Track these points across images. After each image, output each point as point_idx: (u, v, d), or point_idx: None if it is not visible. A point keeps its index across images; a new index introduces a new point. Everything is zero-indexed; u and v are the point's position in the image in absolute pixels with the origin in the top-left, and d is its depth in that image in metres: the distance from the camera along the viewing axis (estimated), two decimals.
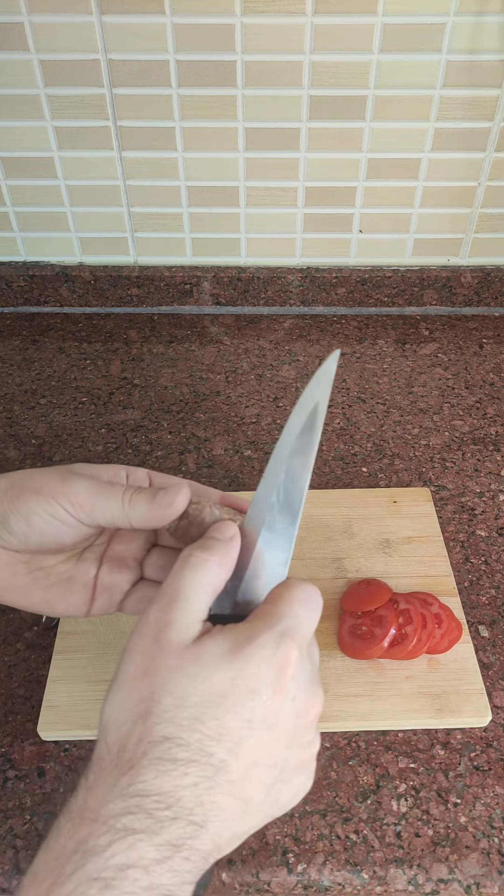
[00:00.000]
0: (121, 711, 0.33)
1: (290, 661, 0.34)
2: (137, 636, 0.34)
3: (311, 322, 0.92)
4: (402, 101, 0.76)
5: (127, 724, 0.32)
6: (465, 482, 0.72)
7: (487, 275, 0.89)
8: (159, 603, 0.35)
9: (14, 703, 0.56)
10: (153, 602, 0.35)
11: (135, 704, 0.33)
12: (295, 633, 0.35)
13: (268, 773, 0.34)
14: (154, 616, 0.34)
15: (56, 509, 0.40)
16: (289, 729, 0.35)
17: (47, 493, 0.40)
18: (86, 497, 0.40)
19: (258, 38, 0.71)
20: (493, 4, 0.69)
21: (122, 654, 0.35)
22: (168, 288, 0.91)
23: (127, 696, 0.33)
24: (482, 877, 0.48)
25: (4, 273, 0.89)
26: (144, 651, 0.34)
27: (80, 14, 0.70)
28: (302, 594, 0.37)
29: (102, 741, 0.33)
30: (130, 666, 0.34)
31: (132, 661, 0.34)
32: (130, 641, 0.35)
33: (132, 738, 0.32)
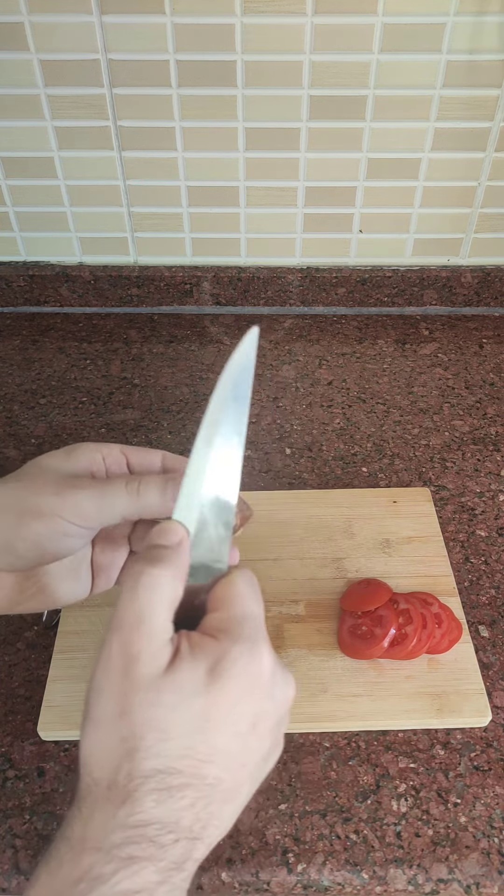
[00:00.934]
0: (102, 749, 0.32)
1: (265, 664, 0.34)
2: (103, 672, 0.33)
3: (311, 322, 0.92)
4: (402, 101, 0.76)
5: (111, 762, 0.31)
6: (465, 482, 0.72)
7: (487, 275, 0.89)
8: (119, 633, 0.33)
9: (14, 703, 0.56)
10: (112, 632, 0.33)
11: (117, 743, 0.32)
12: (259, 633, 0.35)
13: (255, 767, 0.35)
14: (117, 649, 0.32)
15: (65, 527, 0.40)
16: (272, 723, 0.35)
17: (50, 513, 0.39)
18: (90, 507, 0.40)
19: (258, 38, 0.71)
20: (493, 4, 0.69)
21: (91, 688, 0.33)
22: (168, 288, 0.91)
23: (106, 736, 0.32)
24: (482, 877, 0.48)
25: (4, 273, 0.89)
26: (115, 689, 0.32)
27: (80, 14, 0.70)
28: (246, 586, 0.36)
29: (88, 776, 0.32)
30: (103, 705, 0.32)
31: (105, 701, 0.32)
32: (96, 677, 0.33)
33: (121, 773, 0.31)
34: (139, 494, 0.40)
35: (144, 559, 0.34)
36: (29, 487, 0.40)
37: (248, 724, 0.34)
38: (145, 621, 0.33)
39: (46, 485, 0.40)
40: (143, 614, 0.33)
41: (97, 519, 0.40)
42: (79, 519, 0.39)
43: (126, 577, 0.34)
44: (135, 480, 0.40)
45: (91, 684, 0.33)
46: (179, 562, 0.35)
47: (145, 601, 0.33)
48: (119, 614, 0.33)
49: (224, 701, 0.33)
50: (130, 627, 0.33)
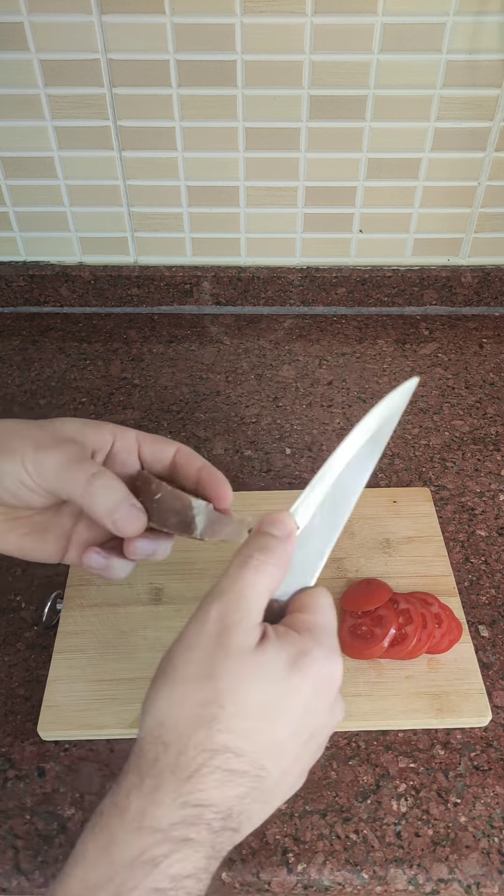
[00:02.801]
0: (181, 710, 0.32)
1: (336, 677, 0.36)
2: (197, 633, 0.34)
3: (311, 322, 0.92)
4: (402, 101, 0.76)
5: (188, 726, 0.32)
6: (465, 482, 0.72)
7: (487, 275, 0.89)
8: (220, 602, 0.34)
9: (14, 703, 0.56)
10: (212, 599, 0.35)
11: (197, 706, 0.32)
12: (337, 648, 0.36)
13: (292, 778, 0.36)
14: (215, 615, 0.34)
15: (24, 476, 0.40)
16: (322, 739, 0.36)
17: (20, 457, 0.40)
18: (52, 472, 0.40)
19: (258, 38, 0.71)
20: (493, 4, 0.69)
21: (179, 646, 0.34)
22: (168, 288, 0.91)
23: (187, 696, 0.33)
24: (482, 877, 0.48)
25: (4, 273, 0.89)
26: (207, 651, 0.33)
27: (80, 14, 0.70)
28: (330, 603, 0.38)
29: (158, 741, 0.32)
30: (191, 664, 0.33)
31: (193, 660, 0.33)
32: (189, 637, 0.34)
33: (193, 741, 0.32)
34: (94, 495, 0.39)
35: (255, 544, 0.36)
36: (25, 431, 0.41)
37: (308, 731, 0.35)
38: (246, 598, 0.35)
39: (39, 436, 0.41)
40: (245, 592, 0.35)
41: (52, 486, 0.40)
42: (37, 476, 0.40)
43: (236, 555, 0.36)
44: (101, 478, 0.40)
45: (179, 642, 0.34)
46: (285, 553, 0.37)
47: (249, 581, 0.35)
48: (223, 586, 0.35)
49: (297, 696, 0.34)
50: (231, 600, 0.34)
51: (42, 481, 0.40)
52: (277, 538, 0.37)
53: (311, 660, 0.34)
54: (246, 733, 0.32)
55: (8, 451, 0.40)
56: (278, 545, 0.37)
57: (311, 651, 0.35)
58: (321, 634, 0.36)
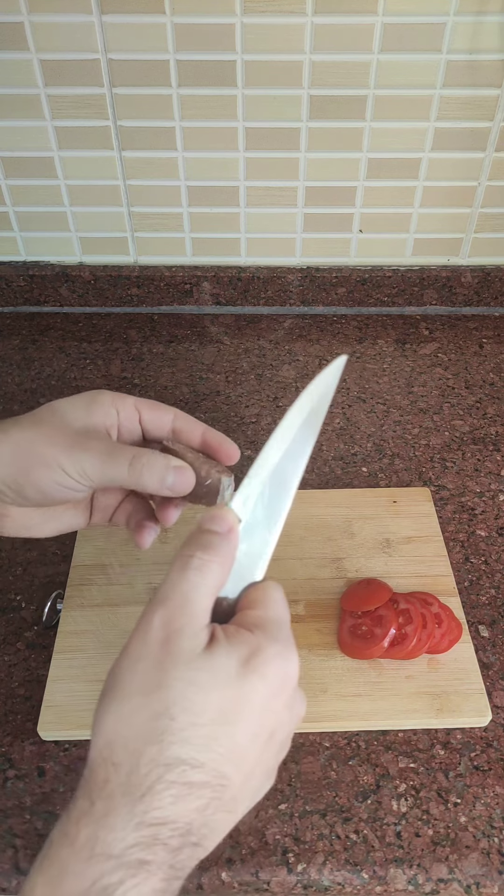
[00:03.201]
0: (130, 727, 0.31)
1: (293, 673, 0.34)
2: (141, 643, 0.32)
3: (311, 322, 0.92)
4: (402, 101, 0.76)
5: (138, 742, 0.30)
6: (465, 482, 0.72)
7: (487, 275, 0.89)
8: (164, 608, 0.33)
9: (14, 703, 0.56)
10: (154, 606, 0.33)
11: (147, 720, 0.30)
12: (291, 640, 0.35)
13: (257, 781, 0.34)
14: (158, 623, 0.32)
15: (68, 481, 0.42)
16: (282, 737, 0.35)
17: (57, 467, 0.41)
18: (93, 470, 0.41)
19: (258, 38, 0.71)
20: (493, 4, 0.69)
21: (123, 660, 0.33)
22: (168, 288, 0.91)
23: (135, 711, 0.31)
24: (482, 877, 0.48)
25: (4, 273, 0.89)
26: (153, 660, 0.32)
27: (80, 14, 0.70)
28: (281, 596, 0.37)
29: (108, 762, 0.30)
30: (137, 677, 0.31)
31: (139, 672, 0.32)
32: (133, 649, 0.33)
33: (145, 758, 0.30)
34: (140, 475, 0.41)
35: (196, 543, 0.35)
36: (44, 436, 0.42)
37: (267, 731, 0.33)
38: (190, 601, 0.33)
39: (59, 437, 0.42)
40: (188, 594, 0.33)
41: (98, 481, 0.42)
42: (81, 478, 0.41)
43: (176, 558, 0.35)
44: (139, 460, 0.41)
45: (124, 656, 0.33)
46: (227, 550, 0.36)
47: (193, 583, 0.34)
48: (165, 591, 0.34)
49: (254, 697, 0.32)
50: (175, 605, 0.33)
51: (87, 480, 0.42)
52: (219, 534, 0.36)
53: (265, 657, 0.33)
54: (202, 742, 0.31)
55: (42, 464, 0.41)
56: (220, 542, 0.35)
57: (264, 648, 0.33)
58: (273, 629, 0.34)
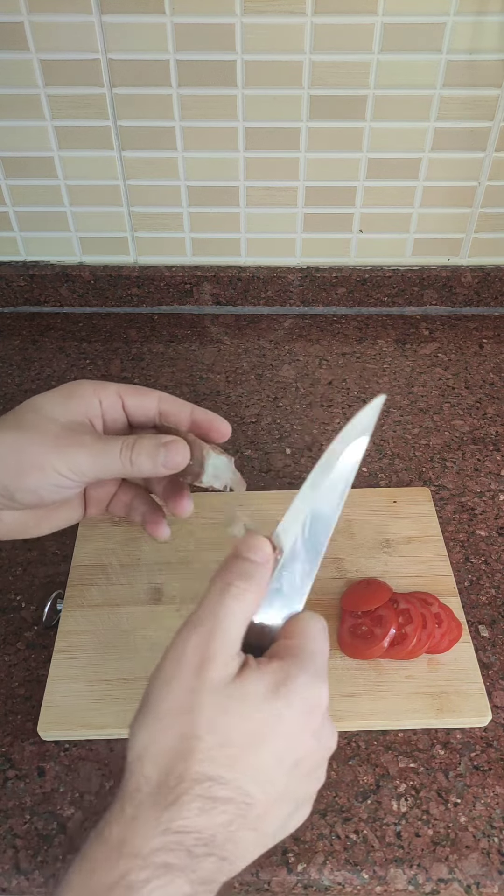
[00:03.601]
0: (159, 745, 0.32)
1: (322, 703, 0.35)
2: (175, 665, 0.34)
3: (311, 322, 0.92)
4: (402, 101, 0.76)
5: (167, 759, 0.32)
6: (465, 482, 0.72)
7: (487, 275, 0.89)
8: (198, 633, 0.34)
9: (14, 703, 0.56)
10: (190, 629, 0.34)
11: (176, 740, 0.32)
12: (324, 672, 0.36)
13: (287, 806, 0.35)
14: (193, 647, 0.34)
15: (61, 481, 0.42)
16: (312, 766, 0.36)
17: (50, 468, 0.41)
18: (86, 466, 0.41)
19: (258, 38, 0.71)
20: (493, 4, 0.69)
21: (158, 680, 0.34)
22: (168, 288, 0.91)
23: (166, 729, 0.32)
24: (482, 877, 0.48)
25: (4, 273, 0.89)
26: (185, 684, 0.33)
27: (80, 14, 0.70)
28: (321, 628, 0.38)
29: (139, 773, 0.32)
30: (169, 698, 0.33)
31: (171, 694, 0.33)
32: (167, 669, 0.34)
33: (173, 774, 0.32)
34: (132, 462, 0.42)
35: (234, 571, 0.36)
36: (29, 438, 0.42)
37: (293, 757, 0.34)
38: (225, 629, 0.34)
39: (46, 437, 0.42)
40: (224, 622, 0.34)
41: (92, 476, 0.42)
42: (75, 475, 0.41)
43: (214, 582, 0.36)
44: (128, 447, 0.42)
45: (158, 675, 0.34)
46: (263, 580, 0.37)
47: (229, 610, 0.35)
48: (201, 616, 0.34)
49: (280, 722, 0.33)
50: (210, 630, 0.34)
51: (81, 477, 0.42)
52: (256, 564, 0.36)
53: (294, 685, 0.34)
54: (227, 761, 0.32)
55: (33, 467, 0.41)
56: (257, 571, 0.36)
57: (294, 677, 0.34)
58: (306, 660, 0.35)
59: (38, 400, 0.44)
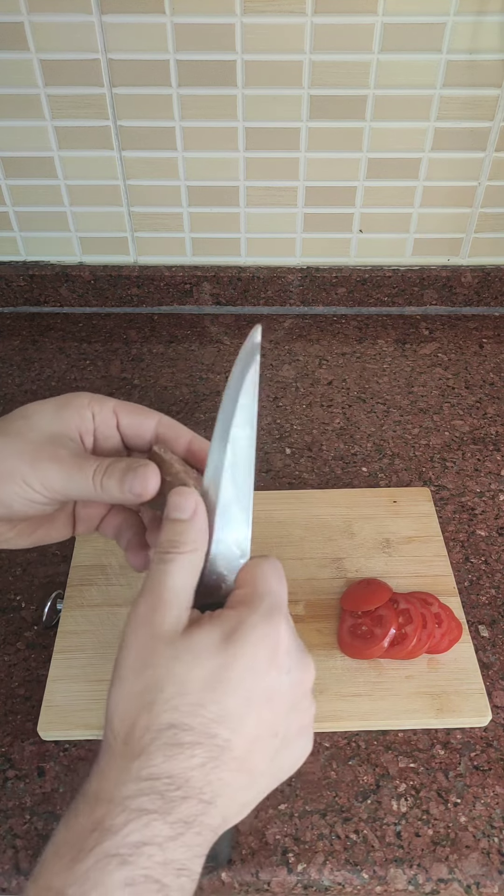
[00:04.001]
0: (124, 702, 0.34)
1: (281, 636, 0.35)
2: (132, 632, 0.35)
3: (311, 322, 0.92)
4: (402, 101, 0.76)
5: (132, 713, 0.33)
6: (465, 482, 0.72)
7: (487, 275, 0.89)
8: (147, 600, 0.35)
9: (14, 703, 0.56)
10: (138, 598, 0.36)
11: (138, 694, 0.34)
12: (280, 608, 0.36)
13: (270, 743, 0.36)
14: (144, 610, 0.35)
15: (32, 495, 0.41)
16: (286, 700, 0.36)
17: (20, 478, 0.40)
18: (57, 483, 0.41)
19: (258, 38, 0.71)
20: (493, 4, 0.69)
21: (119, 649, 0.35)
22: (168, 288, 0.91)
23: (129, 688, 0.34)
24: (482, 876, 0.48)
25: (4, 273, 0.89)
26: (141, 644, 0.34)
27: (80, 14, 0.70)
28: (270, 568, 0.38)
29: (108, 730, 0.34)
30: (129, 659, 0.35)
31: (130, 655, 0.35)
32: (126, 637, 0.35)
33: (138, 726, 0.33)
34: (102, 485, 0.41)
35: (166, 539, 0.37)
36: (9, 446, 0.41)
37: (261, 694, 0.35)
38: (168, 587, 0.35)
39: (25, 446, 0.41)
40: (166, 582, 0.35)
41: (62, 494, 0.41)
42: (45, 491, 0.41)
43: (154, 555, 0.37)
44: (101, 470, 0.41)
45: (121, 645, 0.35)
46: (197, 533, 0.37)
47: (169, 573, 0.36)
48: (146, 584, 0.36)
49: (236, 664, 0.34)
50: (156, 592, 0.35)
51: (52, 494, 0.41)
52: (184, 521, 0.37)
53: (248, 627, 0.35)
54: (189, 708, 0.33)
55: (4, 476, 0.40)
56: (188, 528, 0.37)
57: (246, 620, 0.35)
58: (256, 601, 0.36)
59: (31, 406, 0.44)
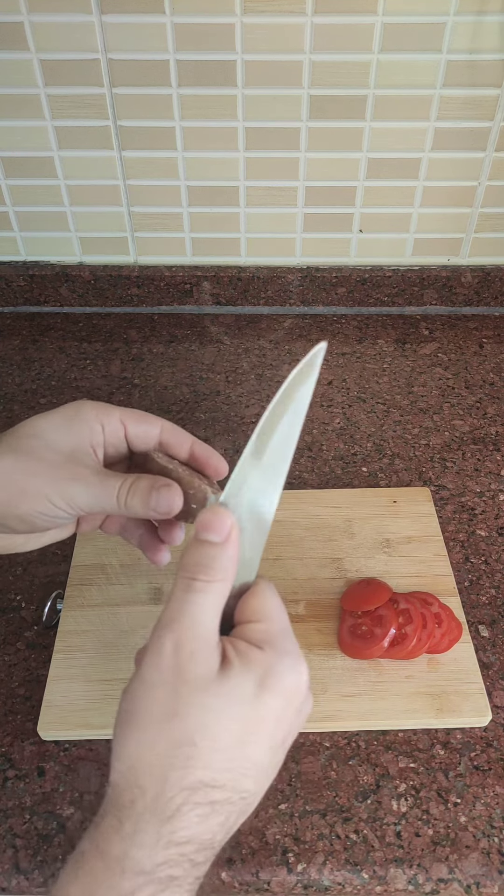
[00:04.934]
0: (153, 754, 0.31)
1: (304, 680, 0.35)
2: (155, 670, 0.32)
3: (311, 322, 0.92)
4: (402, 101, 0.76)
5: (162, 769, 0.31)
6: (465, 482, 0.72)
7: (487, 274, 0.89)
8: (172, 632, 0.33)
9: (14, 703, 0.56)
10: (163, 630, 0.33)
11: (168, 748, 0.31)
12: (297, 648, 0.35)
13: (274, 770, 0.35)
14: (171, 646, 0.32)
15: (57, 512, 0.41)
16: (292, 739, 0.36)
17: (44, 500, 0.40)
18: (82, 501, 0.40)
19: (258, 38, 0.71)
20: (493, 4, 0.69)
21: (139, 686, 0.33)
22: (168, 288, 0.91)
23: (157, 737, 0.32)
24: (482, 876, 0.48)
25: (4, 273, 0.89)
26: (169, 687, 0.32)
27: (80, 14, 0.70)
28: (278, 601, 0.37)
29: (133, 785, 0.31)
30: (155, 704, 0.32)
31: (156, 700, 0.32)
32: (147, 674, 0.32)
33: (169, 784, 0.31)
34: (126, 504, 0.40)
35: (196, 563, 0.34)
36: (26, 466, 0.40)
37: (281, 740, 0.34)
38: (198, 622, 0.33)
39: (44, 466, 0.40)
40: (196, 616, 0.33)
41: (87, 510, 0.41)
42: (69, 508, 0.40)
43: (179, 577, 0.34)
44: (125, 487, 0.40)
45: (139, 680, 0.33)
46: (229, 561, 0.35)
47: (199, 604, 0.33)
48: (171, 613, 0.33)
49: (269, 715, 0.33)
50: (184, 628, 0.33)
51: (75, 510, 0.41)
52: (217, 546, 0.35)
53: (279, 675, 0.33)
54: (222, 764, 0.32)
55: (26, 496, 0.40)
56: (220, 554, 0.34)
57: (276, 665, 0.33)
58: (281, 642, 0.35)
59: (40, 423, 0.42)
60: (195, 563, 0.34)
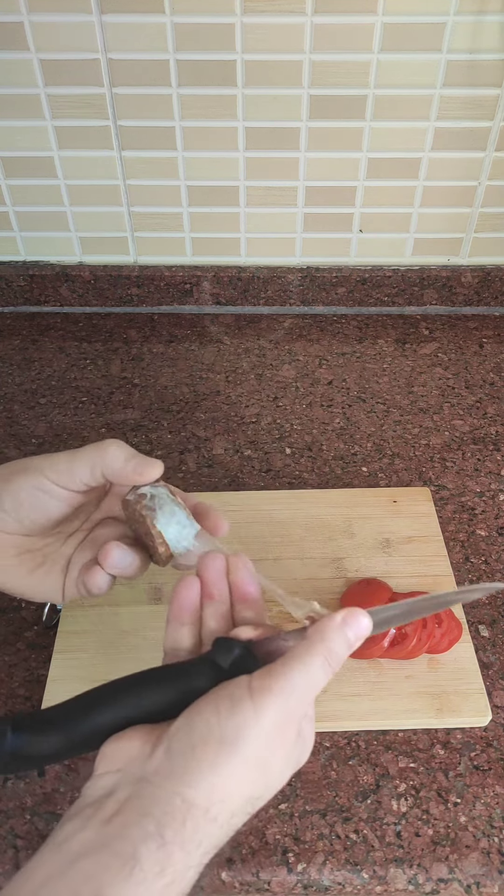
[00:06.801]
0: (241, 787, 0.36)
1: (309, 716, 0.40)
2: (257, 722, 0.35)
3: (311, 322, 0.92)
4: (402, 101, 0.76)
5: (241, 802, 0.36)
6: (465, 482, 0.72)
7: (487, 274, 0.89)
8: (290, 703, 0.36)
9: (14, 703, 0.56)
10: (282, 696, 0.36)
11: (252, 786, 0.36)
12: None
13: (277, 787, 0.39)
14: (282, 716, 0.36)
15: (40, 480, 0.44)
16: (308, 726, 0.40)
17: (33, 469, 0.44)
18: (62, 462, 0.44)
19: (258, 38, 0.71)
20: (493, 4, 0.69)
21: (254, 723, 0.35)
22: (168, 288, 0.91)
23: (246, 775, 0.35)
24: (482, 876, 0.48)
25: (4, 273, 0.89)
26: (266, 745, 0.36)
27: (80, 13, 0.70)
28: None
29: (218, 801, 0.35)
30: (261, 748, 0.35)
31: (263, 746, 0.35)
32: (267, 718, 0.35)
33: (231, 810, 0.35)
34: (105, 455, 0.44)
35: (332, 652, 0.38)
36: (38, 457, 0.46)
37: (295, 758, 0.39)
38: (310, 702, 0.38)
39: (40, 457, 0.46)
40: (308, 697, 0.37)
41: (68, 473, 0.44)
42: (52, 472, 0.44)
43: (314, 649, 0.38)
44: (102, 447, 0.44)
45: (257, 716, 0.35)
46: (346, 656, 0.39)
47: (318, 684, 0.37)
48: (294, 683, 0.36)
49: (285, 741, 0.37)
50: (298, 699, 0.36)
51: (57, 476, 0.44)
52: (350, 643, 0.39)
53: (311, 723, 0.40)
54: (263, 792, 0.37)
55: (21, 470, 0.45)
56: (348, 651, 0.39)
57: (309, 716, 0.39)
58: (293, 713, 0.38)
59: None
60: (333, 650, 0.38)
